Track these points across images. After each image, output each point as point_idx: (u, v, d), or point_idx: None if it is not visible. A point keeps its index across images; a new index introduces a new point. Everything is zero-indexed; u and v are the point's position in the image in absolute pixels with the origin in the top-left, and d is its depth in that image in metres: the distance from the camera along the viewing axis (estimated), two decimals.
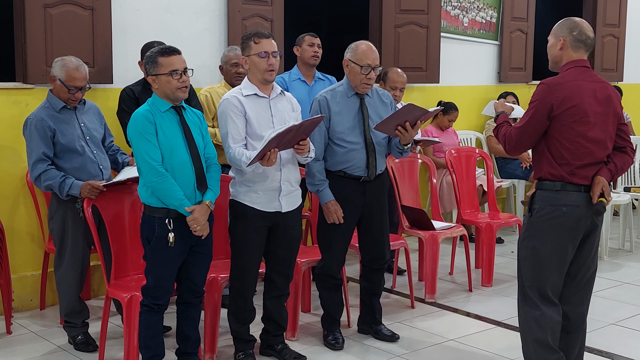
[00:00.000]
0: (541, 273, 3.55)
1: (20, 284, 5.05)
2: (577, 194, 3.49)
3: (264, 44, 3.99)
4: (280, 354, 4.26)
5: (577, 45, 3.57)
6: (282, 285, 4.23)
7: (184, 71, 3.70)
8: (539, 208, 3.55)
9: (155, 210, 3.70)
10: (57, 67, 4.29)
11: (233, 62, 5.25)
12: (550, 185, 3.52)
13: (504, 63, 8.00)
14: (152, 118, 3.67)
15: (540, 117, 3.48)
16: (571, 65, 3.56)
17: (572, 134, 3.46)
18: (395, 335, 4.61)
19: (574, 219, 3.49)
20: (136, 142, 3.67)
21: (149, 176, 3.65)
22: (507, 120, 3.80)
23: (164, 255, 3.71)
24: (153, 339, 3.82)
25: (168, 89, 3.68)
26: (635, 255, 6.86)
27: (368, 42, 4.38)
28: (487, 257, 5.84)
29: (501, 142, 3.68)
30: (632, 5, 9.30)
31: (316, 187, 4.32)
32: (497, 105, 4.02)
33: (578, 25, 3.60)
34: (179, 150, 3.71)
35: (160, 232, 3.68)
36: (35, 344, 4.52)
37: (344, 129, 4.30)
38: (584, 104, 3.45)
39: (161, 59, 3.68)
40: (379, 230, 4.49)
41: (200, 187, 3.78)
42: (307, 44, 5.55)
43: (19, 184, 5.04)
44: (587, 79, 3.53)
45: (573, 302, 3.66)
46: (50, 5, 5.02)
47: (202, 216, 3.72)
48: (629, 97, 9.04)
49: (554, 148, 3.50)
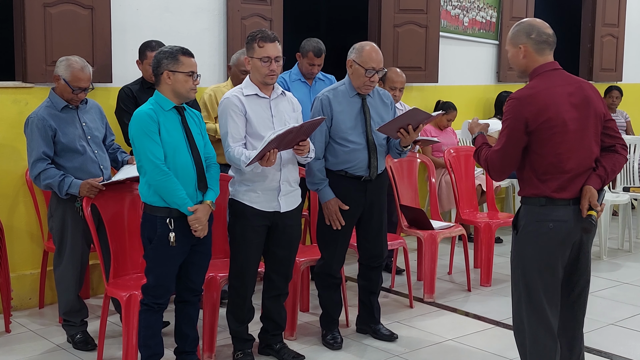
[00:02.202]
0: (534, 295, 3.31)
1: (19, 282, 5.05)
2: (565, 208, 3.26)
3: (268, 49, 3.98)
4: (279, 353, 4.26)
5: (540, 48, 3.31)
6: (281, 284, 4.23)
7: (197, 74, 3.77)
8: (524, 224, 3.33)
9: (156, 210, 3.70)
10: (62, 67, 4.28)
11: (242, 69, 5.12)
12: (535, 200, 3.29)
13: (503, 63, 8.00)
14: (156, 117, 3.67)
15: (517, 134, 3.23)
16: (540, 70, 3.31)
17: (553, 146, 3.22)
18: (394, 335, 4.62)
19: (562, 235, 3.27)
20: (139, 140, 3.66)
21: (153, 175, 3.65)
22: (486, 142, 3.50)
23: (165, 255, 3.71)
24: (152, 338, 3.83)
25: (183, 88, 3.71)
26: (634, 255, 6.86)
27: (373, 44, 4.36)
28: (486, 256, 5.84)
29: (484, 167, 3.41)
30: (631, 5, 9.29)
31: (316, 185, 4.33)
32: (471, 126, 3.67)
33: (534, 27, 3.33)
34: (181, 150, 3.72)
35: (161, 232, 3.69)
36: (34, 342, 4.53)
37: (346, 129, 4.30)
38: (560, 113, 3.22)
39: (183, 58, 3.71)
40: (377, 228, 4.50)
41: (201, 187, 3.79)
42: (308, 62, 5.46)
43: (18, 182, 5.04)
44: (559, 84, 3.29)
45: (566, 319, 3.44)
46: (50, 5, 5.02)
47: (204, 216, 3.74)
48: (629, 97, 9.05)
49: (537, 164, 3.27)
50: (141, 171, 3.73)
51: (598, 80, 8.99)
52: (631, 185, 7.57)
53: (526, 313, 3.37)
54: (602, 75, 9.07)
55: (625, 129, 8.72)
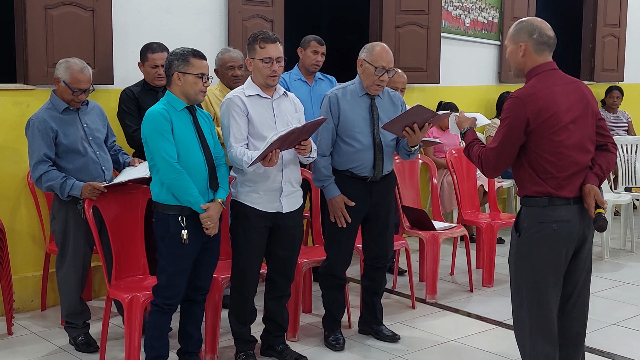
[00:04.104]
0: (539, 298, 3.30)
1: (21, 284, 5.05)
2: (567, 208, 3.25)
3: (269, 50, 3.99)
4: (281, 354, 4.26)
5: (540, 49, 3.33)
6: (283, 285, 4.23)
7: (208, 77, 3.79)
8: (527, 227, 3.31)
9: (168, 208, 3.73)
10: (62, 69, 4.29)
11: (228, 65, 5.21)
12: (536, 202, 3.27)
13: (505, 63, 7.99)
14: (169, 116, 3.70)
15: (516, 133, 3.24)
16: (538, 70, 3.33)
17: (552, 145, 3.23)
18: (396, 336, 4.62)
19: (566, 235, 3.27)
20: (152, 139, 3.69)
21: (167, 173, 3.68)
22: (477, 138, 3.52)
23: (177, 252, 3.74)
24: (159, 339, 3.84)
25: (192, 90, 3.74)
26: (636, 255, 6.86)
27: (384, 44, 4.38)
28: (488, 257, 5.84)
29: (476, 164, 3.42)
30: (632, 5, 9.29)
31: (322, 182, 4.33)
32: (459, 120, 3.69)
33: (537, 27, 3.35)
34: (194, 149, 3.76)
35: (174, 230, 3.71)
36: (36, 344, 4.53)
37: (352, 128, 4.30)
38: (560, 112, 3.24)
39: (194, 60, 3.74)
40: (383, 229, 4.49)
41: (213, 186, 3.83)
42: (311, 51, 5.52)
43: (20, 184, 5.04)
44: (558, 83, 3.32)
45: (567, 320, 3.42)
46: (51, 7, 5.02)
47: (216, 214, 3.78)
48: (630, 97, 9.05)
49: (536, 163, 3.26)
50: (154, 170, 3.76)
51: (599, 80, 8.99)
52: (633, 185, 7.56)
53: (529, 317, 3.36)
54: (604, 76, 9.06)
55: (626, 129, 8.71)
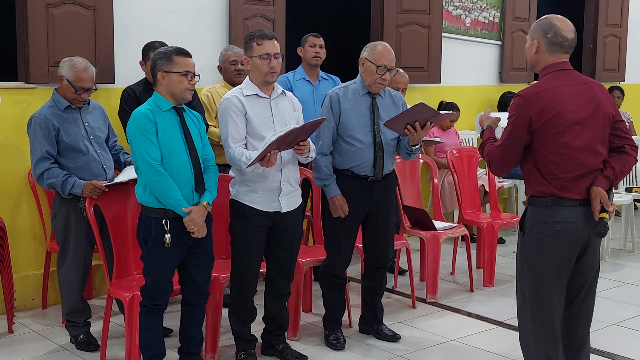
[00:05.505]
0: (541, 298, 3.30)
1: (22, 283, 5.05)
2: (571, 209, 3.22)
3: (267, 46, 3.99)
4: (282, 353, 4.26)
5: (552, 49, 3.28)
6: (283, 285, 4.23)
7: (194, 74, 3.74)
8: (530, 226, 3.30)
9: (152, 211, 3.69)
10: (65, 67, 4.29)
11: (232, 59, 5.28)
12: (541, 201, 3.26)
13: (506, 63, 8.00)
14: (153, 117, 3.67)
15: (519, 132, 3.23)
16: (549, 70, 3.29)
17: (556, 146, 3.20)
18: (396, 335, 4.61)
19: (569, 236, 3.23)
20: (136, 140, 3.66)
21: (148, 175, 3.65)
22: (492, 136, 3.51)
23: (160, 256, 3.71)
24: (153, 339, 3.82)
25: (177, 89, 3.70)
26: (637, 255, 6.85)
27: (385, 43, 4.39)
28: (489, 257, 5.84)
29: (486, 161, 3.43)
30: (634, 5, 9.29)
31: (323, 181, 4.33)
32: (482, 118, 3.69)
33: (554, 27, 3.29)
34: (179, 151, 3.71)
35: (157, 233, 3.68)
36: (37, 343, 4.53)
37: (353, 127, 4.30)
38: (565, 112, 3.19)
39: (177, 58, 3.70)
40: (384, 228, 4.49)
41: (198, 189, 3.78)
42: (309, 45, 5.61)
43: (21, 183, 5.05)
44: (567, 84, 3.25)
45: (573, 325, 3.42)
46: (53, 5, 5.02)
47: (199, 217, 3.72)
48: (631, 97, 9.05)
49: (540, 163, 3.25)
50: (138, 171, 3.73)
51: (600, 80, 8.95)
52: (634, 185, 7.56)
53: (531, 316, 3.36)
54: (605, 76, 9.06)
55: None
